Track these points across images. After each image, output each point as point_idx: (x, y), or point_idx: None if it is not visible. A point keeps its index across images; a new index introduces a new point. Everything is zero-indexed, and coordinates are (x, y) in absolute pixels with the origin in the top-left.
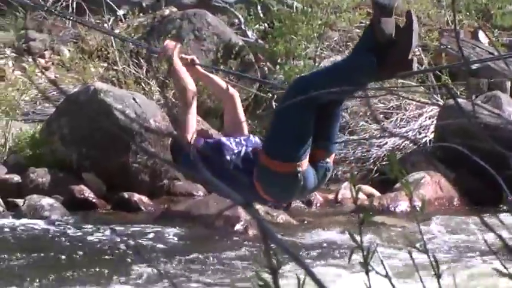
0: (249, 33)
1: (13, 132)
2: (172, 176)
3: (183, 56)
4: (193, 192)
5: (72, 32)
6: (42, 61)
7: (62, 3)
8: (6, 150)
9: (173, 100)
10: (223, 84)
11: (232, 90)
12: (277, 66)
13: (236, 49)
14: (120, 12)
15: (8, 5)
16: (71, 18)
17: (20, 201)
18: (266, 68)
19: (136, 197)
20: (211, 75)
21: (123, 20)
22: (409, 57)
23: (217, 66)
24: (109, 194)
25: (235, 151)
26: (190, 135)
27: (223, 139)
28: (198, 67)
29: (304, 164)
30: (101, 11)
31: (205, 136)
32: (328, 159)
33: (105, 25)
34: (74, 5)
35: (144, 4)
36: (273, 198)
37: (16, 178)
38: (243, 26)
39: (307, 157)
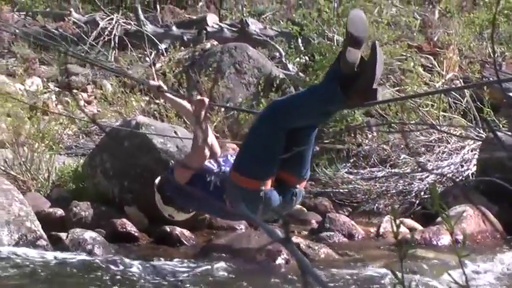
0: (290, 66)
1: (56, 166)
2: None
3: (151, 82)
4: (235, 225)
5: (114, 66)
6: (84, 95)
7: (104, 38)
8: (50, 184)
9: (214, 134)
10: (189, 106)
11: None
12: None
13: (277, 82)
14: (162, 46)
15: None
16: (87, 60)
17: (63, 235)
18: None
19: (177, 230)
20: (177, 99)
21: (165, 54)
22: (374, 87)
23: (258, 99)
24: (151, 228)
25: (215, 171)
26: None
27: (206, 163)
28: (166, 93)
29: (268, 184)
30: (142, 45)
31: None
32: (297, 185)
33: (147, 59)
34: (116, 40)
35: (185, 38)
36: (237, 215)
37: (59, 212)
38: (283, 59)
39: (273, 177)
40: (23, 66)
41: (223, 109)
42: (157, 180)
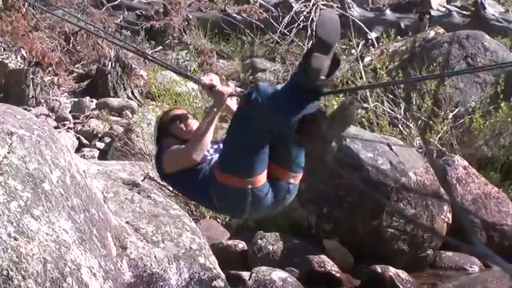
0: None
1: None
2: (438, 245)
3: (203, 79)
4: (466, 265)
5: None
6: None
7: (299, 25)
8: None
9: (439, 147)
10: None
11: None
12: None
13: None
14: (372, 35)
15: (232, 29)
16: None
17: (245, 274)
18: None
19: (391, 271)
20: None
21: (376, 45)
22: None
23: (497, 103)
24: (357, 267)
25: (208, 158)
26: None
27: None
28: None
29: (257, 181)
30: (347, 34)
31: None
32: (291, 180)
33: (353, 51)
34: (314, 26)
35: (402, 24)
36: (225, 212)
37: (241, 245)
38: None
39: (262, 174)
40: (196, 61)
41: (450, 117)
42: None
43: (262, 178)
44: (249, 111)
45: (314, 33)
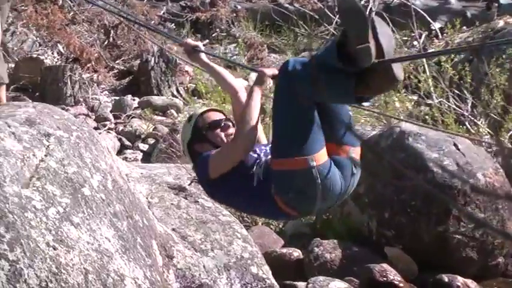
0: None
1: None
2: (510, 252)
3: (188, 41)
4: None
5: None
6: None
7: None
8: None
9: (510, 146)
10: (230, 77)
11: (239, 85)
12: None
13: None
14: (436, 26)
15: (284, 20)
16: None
17: (301, 285)
18: None
19: (459, 280)
20: (216, 66)
21: (440, 36)
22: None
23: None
24: (422, 276)
25: (257, 161)
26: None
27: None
28: (202, 55)
29: (320, 158)
30: (409, 23)
31: None
32: (352, 154)
33: (415, 43)
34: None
35: (468, 14)
36: (294, 208)
37: (296, 253)
38: None
39: (322, 150)
40: (246, 55)
41: None
42: None
43: (323, 154)
44: (288, 80)
45: (376, 40)
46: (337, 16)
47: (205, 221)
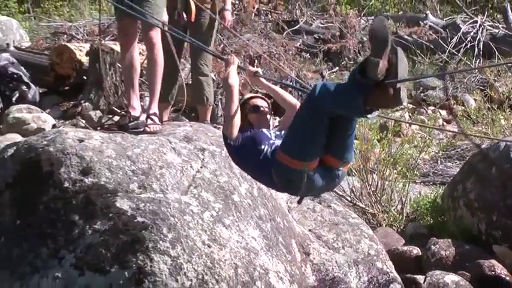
0: None
1: (411, 197)
2: None
3: (250, 67)
4: None
5: (478, 78)
6: (443, 113)
7: (466, 45)
8: (404, 218)
9: None
10: (286, 94)
11: (294, 101)
12: None
13: None
14: None
15: (404, 50)
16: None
17: (420, 278)
18: None
19: None
20: (274, 86)
21: None
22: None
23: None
24: None
25: (271, 141)
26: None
27: (264, 130)
28: (262, 79)
29: (312, 165)
30: None
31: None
32: (341, 167)
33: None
34: (481, 46)
35: None
36: (283, 189)
37: (415, 251)
38: None
39: (316, 160)
40: None
41: None
42: None
43: (315, 163)
44: (314, 99)
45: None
46: (449, 45)
47: (337, 223)
